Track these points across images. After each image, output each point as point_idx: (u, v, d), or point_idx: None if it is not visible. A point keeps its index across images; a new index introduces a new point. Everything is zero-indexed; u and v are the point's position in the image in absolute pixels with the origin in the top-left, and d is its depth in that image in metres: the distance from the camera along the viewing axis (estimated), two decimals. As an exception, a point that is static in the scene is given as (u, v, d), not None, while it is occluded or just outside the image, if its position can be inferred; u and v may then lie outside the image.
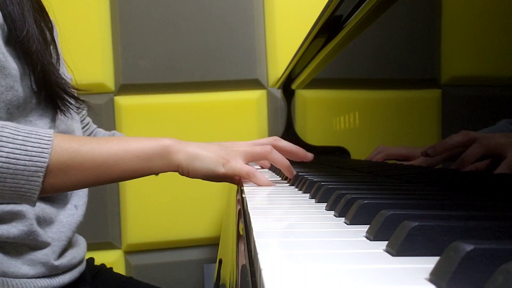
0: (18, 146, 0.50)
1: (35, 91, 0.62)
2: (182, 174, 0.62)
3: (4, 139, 0.49)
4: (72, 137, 0.57)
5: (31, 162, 0.50)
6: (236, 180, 0.70)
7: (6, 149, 0.49)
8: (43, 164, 0.51)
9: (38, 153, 0.50)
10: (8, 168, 0.49)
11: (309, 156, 0.73)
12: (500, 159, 0.40)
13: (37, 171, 0.50)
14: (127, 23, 1.46)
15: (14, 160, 0.49)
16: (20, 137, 0.50)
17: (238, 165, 0.63)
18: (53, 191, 0.55)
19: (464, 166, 0.45)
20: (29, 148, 0.50)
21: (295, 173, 0.70)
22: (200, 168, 0.61)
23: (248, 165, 0.66)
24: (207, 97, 1.50)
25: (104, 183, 0.58)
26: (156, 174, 0.63)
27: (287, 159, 0.70)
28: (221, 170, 0.62)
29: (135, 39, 1.47)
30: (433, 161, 0.52)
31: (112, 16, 1.46)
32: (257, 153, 0.67)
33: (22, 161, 0.49)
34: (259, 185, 0.65)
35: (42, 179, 0.51)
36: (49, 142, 0.51)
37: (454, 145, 0.48)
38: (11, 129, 0.51)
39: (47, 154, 0.51)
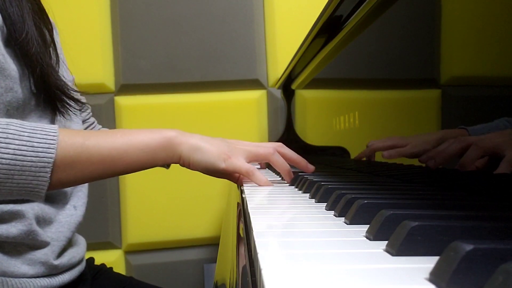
0: (24, 143, 0.50)
1: (34, 93, 0.62)
2: (183, 165, 0.62)
3: (10, 135, 0.49)
4: (77, 132, 0.57)
5: (38, 158, 0.50)
6: (235, 178, 0.70)
7: (13, 146, 0.49)
8: (50, 160, 0.51)
9: (44, 149, 0.50)
10: (15, 165, 0.49)
11: (310, 168, 0.73)
12: (498, 158, 0.40)
13: (44, 167, 0.50)
14: (127, 23, 1.46)
15: (21, 157, 0.49)
16: (26, 134, 0.50)
17: (238, 162, 0.63)
18: (60, 186, 0.55)
19: (464, 170, 0.45)
20: (35, 144, 0.50)
21: (292, 177, 0.70)
22: (201, 160, 0.61)
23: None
24: (207, 97, 1.50)
25: (110, 176, 0.59)
26: (160, 166, 0.63)
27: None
28: (222, 165, 0.62)
29: (135, 39, 1.47)
30: (432, 167, 0.53)
31: (112, 16, 1.46)
32: (259, 154, 0.67)
33: (29, 157, 0.49)
34: (258, 184, 0.65)
35: (49, 175, 0.51)
36: (55, 138, 0.51)
37: (453, 153, 0.48)
38: (16, 126, 0.51)
39: (53, 150, 0.51)
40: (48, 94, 0.64)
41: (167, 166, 0.66)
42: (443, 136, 0.51)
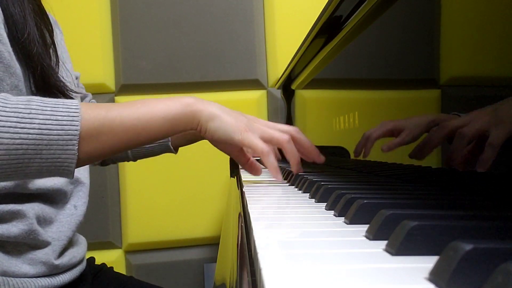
0: (48, 117, 0.49)
1: (34, 93, 0.62)
2: (199, 132, 0.61)
3: (33, 111, 0.49)
4: (98, 105, 0.57)
5: (63, 131, 0.50)
6: (245, 159, 0.68)
7: (37, 121, 0.49)
8: (76, 132, 0.50)
9: (69, 122, 0.50)
10: (42, 140, 0.49)
11: (322, 158, 0.72)
12: (484, 137, 0.40)
13: (71, 139, 0.50)
14: (127, 23, 1.46)
15: (47, 131, 0.49)
16: (48, 108, 0.50)
17: (255, 139, 0.62)
18: (88, 160, 0.55)
19: (454, 161, 0.45)
20: (59, 117, 0.50)
21: (301, 171, 0.69)
22: (218, 129, 0.60)
23: None
24: (207, 97, 1.50)
25: (134, 147, 0.59)
26: (180, 132, 0.62)
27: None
28: (238, 136, 0.61)
29: (136, 40, 1.47)
30: (421, 159, 0.53)
31: (112, 17, 1.46)
32: (275, 138, 0.65)
33: (55, 131, 0.49)
34: (267, 168, 0.64)
35: (77, 147, 0.50)
36: (77, 110, 0.51)
37: (438, 143, 0.48)
38: (38, 102, 0.51)
39: (78, 122, 0.51)
40: (48, 95, 0.64)
41: (180, 132, 0.64)
42: (436, 119, 0.51)
